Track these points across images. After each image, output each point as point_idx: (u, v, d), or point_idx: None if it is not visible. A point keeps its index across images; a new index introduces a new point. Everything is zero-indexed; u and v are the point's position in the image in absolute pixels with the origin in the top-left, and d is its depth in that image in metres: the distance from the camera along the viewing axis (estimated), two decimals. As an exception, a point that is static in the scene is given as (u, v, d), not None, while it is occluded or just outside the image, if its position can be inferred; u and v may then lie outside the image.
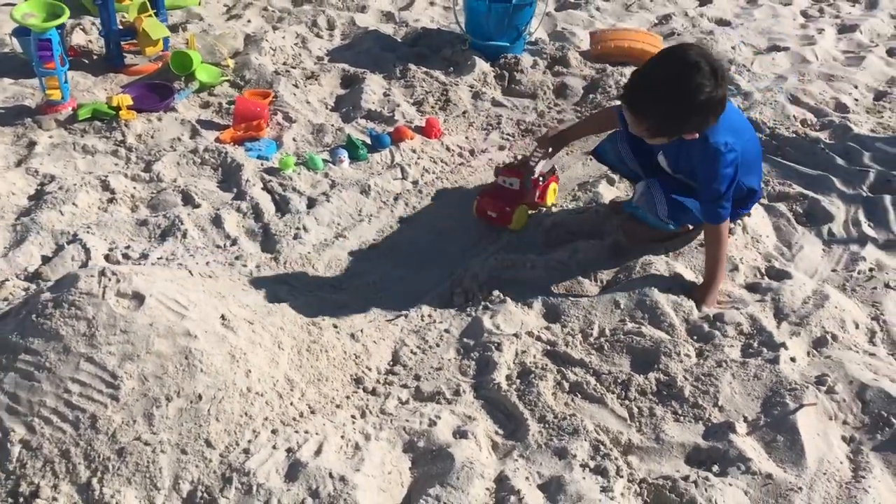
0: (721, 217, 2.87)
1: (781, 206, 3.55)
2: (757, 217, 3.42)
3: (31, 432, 2.18)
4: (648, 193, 3.07)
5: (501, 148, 4.16)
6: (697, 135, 2.76)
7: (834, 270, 3.18)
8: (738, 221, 3.32)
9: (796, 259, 3.20)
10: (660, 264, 3.08)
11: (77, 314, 2.30)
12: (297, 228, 3.34)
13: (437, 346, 2.83)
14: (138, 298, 2.35)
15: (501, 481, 2.26)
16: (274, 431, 2.31)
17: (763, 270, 3.14)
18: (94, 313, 2.30)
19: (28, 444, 2.17)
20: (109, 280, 2.36)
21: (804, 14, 6.34)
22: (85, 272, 2.40)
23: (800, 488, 2.22)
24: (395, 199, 3.65)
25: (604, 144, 3.40)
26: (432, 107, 4.48)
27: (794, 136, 4.20)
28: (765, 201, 3.60)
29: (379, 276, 3.20)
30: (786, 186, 3.69)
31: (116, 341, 2.27)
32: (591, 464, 2.32)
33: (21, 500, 2.12)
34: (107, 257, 3.10)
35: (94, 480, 2.14)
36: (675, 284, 2.99)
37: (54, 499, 2.11)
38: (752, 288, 3.04)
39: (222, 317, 2.46)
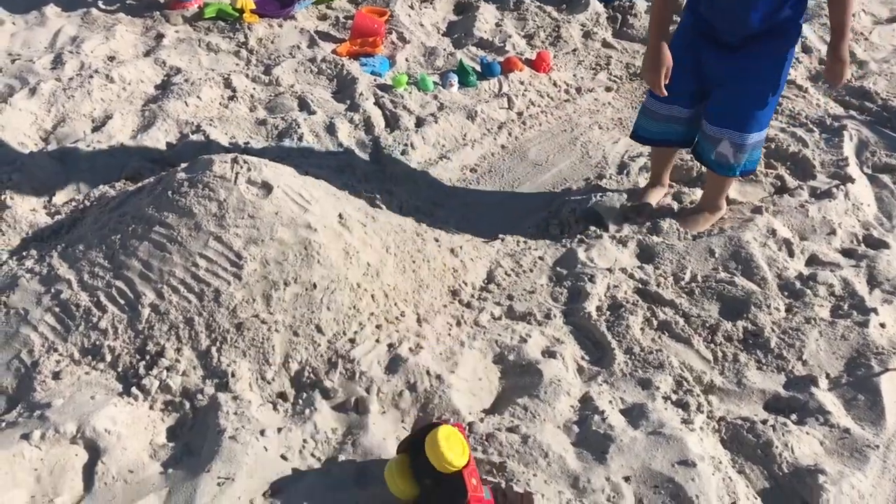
0: None
1: (885, 178, 3.51)
2: (860, 185, 3.40)
3: (160, 298, 2.37)
4: (725, 121, 2.93)
5: (608, 89, 4.18)
6: None
7: (934, 246, 3.17)
8: (841, 187, 3.31)
9: (895, 230, 3.20)
10: (759, 220, 3.11)
11: (210, 195, 2.47)
12: (405, 145, 3.45)
13: (531, 271, 2.93)
14: (266, 188, 2.51)
15: (586, 401, 2.37)
16: (378, 326, 2.46)
17: (860, 238, 3.14)
18: (226, 196, 2.46)
19: (157, 308, 2.36)
20: (241, 167, 2.51)
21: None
22: (219, 157, 2.56)
23: (876, 446, 2.28)
24: (500, 127, 3.73)
25: (640, 121, 3.15)
26: (542, 41, 4.51)
27: (908, 109, 4.11)
28: (868, 171, 3.57)
29: (478, 199, 3.30)
30: (892, 158, 3.65)
31: (244, 225, 2.44)
32: (674, 397, 2.41)
33: (147, 357, 2.32)
34: (227, 151, 3.27)
35: (213, 349, 2.33)
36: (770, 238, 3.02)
37: (177, 360, 2.31)
38: (847, 253, 3.06)
39: (339, 215, 2.60)
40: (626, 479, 2.14)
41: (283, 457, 2.12)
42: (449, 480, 1.92)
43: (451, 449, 1.91)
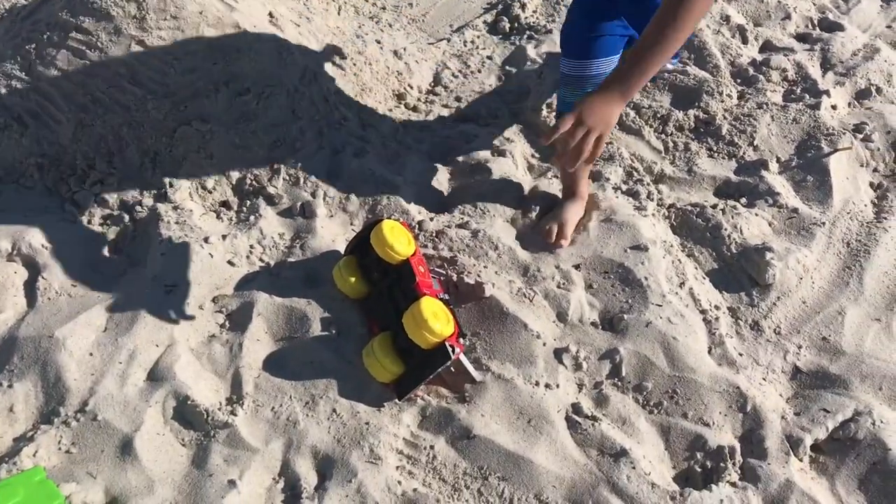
0: None
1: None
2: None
3: (84, 111, 2.24)
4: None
5: None
6: None
7: (889, 27, 3.09)
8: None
9: (851, 13, 3.10)
10: (713, 7, 2.99)
11: (126, -5, 2.29)
12: (340, -56, 3.21)
13: (479, 71, 2.82)
14: (187, -16, 2.32)
15: (535, 196, 2.34)
16: (320, 132, 2.36)
17: (815, 21, 3.05)
18: (144, -5, 2.28)
19: (82, 121, 2.23)
20: (158, -37, 2.31)
21: None
22: (132, -47, 2.35)
23: (822, 223, 2.30)
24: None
25: (563, 94, 2.21)
26: None
27: None
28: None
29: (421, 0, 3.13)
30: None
31: (167, 27, 2.27)
32: (624, 187, 2.39)
33: (79, 172, 2.21)
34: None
35: (147, 160, 2.23)
36: (724, 26, 2.92)
37: (110, 173, 2.21)
38: (801, 38, 2.97)
39: (270, 14, 2.44)
40: (577, 266, 2.14)
41: (230, 262, 2.08)
42: (396, 269, 1.91)
43: (396, 239, 1.89)
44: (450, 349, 1.78)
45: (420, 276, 1.88)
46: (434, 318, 1.77)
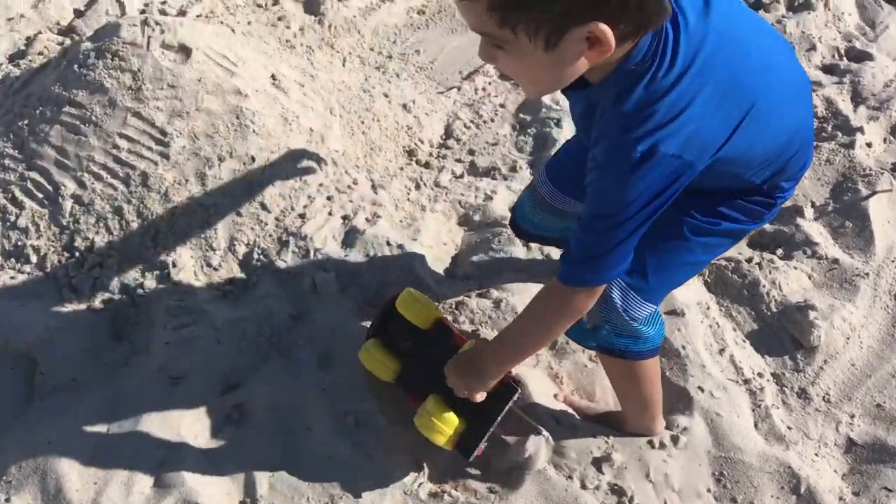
0: (582, 278, 1.37)
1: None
2: (840, -8, 3.13)
3: (82, 187, 2.13)
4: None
5: None
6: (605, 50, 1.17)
7: (921, 54, 2.96)
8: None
9: (880, 39, 2.95)
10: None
11: (121, 66, 2.17)
12: (342, -11, 3.10)
13: (492, 120, 2.70)
14: (185, 51, 2.21)
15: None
16: (329, 198, 2.24)
17: (842, 51, 2.91)
18: (140, 65, 2.16)
19: (80, 199, 2.12)
20: (153, 30, 2.20)
21: None
22: (127, 20, 2.24)
23: (866, 274, 2.16)
24: (446, -39, 3.36)
25: (522, 205, 1.98)
26: None
27: None
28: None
29: (429, 45, 3.00)
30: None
31: (164, 96, 2.16)
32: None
33: (77, 254, 2.10)
34: (142, 13, 2.91)
35: (148, 238, 2.11)
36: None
37: (109, 255, 2.09)
38: (829, 70, 2.83)
39: (272, 77, 2.32)
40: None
41: (238, 347, 1.96)
42: (429, 332, 1.76)
43: (424, 302, 1.77)
44: (514, 384, 1.63)
45: (456, 331, 1.76)
46: None
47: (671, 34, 1.23)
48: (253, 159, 2.18)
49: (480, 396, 1.58)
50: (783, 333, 2.08)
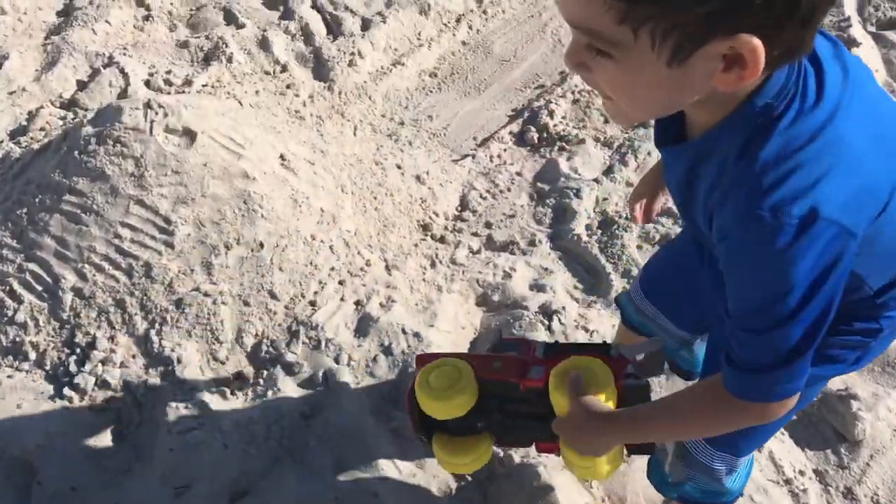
0: (772, 392, 1.06)
1: (892, 35, 3.14)
2: (866, 49, 3.03)
3: (83, 280, 2.03)
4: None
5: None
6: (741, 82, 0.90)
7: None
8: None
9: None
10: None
11: (123, 152, 2.08)
12: (352, 54, 3.02)
13: (509, 190, 2.60)
14: (189, 135, 2.12)
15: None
16: (341, 282, 2.14)
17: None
18: (142, 151, 2.08)
19: (80, 291, 2.03)
20: (156, 114, 2.12)
21: None
22: (129, 104, 2.16)
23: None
24: (458, 20, 3.28)
25: (625, 295, 1.70)
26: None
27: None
28: (873, 29, 3.19)
29: (441, 110, 2.92)
30: (901, 11, 3.26)
31: (168, 183, 2.07)
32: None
33: (78, 350, 2.00)
34: (147, 83, 2.84)
35: (153, 332, 2.01)
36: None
37: (112, 350, 1.99)
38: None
39: (281, 157, 2.23)
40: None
41: (247, 451, 1.85)
42: (483, 396, 1.48)
43: (441, 395, 1.46)
44: (631, 369, 1.39)
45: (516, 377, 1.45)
46: (593, 378, 1.33)
47: (811, 69, 0.95)
48: (261, 245, 2.08)
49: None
50: (825, 425, 1.95)
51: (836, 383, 1.99)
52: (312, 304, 2.09)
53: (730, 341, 1.04)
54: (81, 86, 2.83)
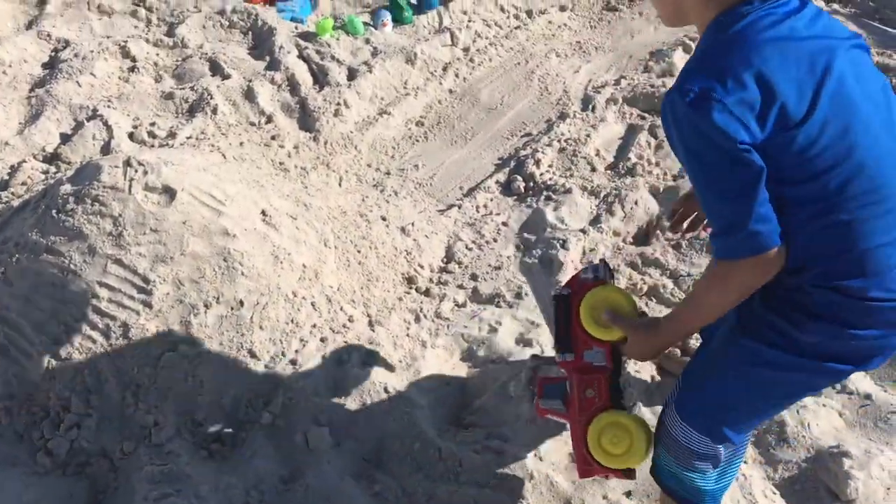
0: (731, 247, 1.28)
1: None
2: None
3: (57, 343, 1.99)
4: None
5: (563, 8, 3.72)
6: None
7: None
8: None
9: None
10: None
11: (101, 211, 2.06)
12: (338, 104, 3.02)
13: (495, 241, 2.58)
14: (169, 193, 2.10)
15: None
16: (323, 340, 2.11)
17: None
18: (121, 210, 2.05)
19: (56, 354, 1.98)
20: (136, 171, 2.10)
21: None
22: (108, 161, 2.14)
23: (904, 414, 2.00)
24: (444, 68, 3.30)
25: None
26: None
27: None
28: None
29: (428, 159, 2.91)
30: (885, 56, 3.27)
31: (147, 241, 2.04)
32: (670, 380, 2.11)
33: (52, 414, 1.96)
34: (131, 136, 2.83)
35: (129, 395, 1.97)
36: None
37: (87, 414, 1.95)
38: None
39: (263, 212, 2.20)
40: (628, 494, 1.85)
41: (225, 519, 1.80)
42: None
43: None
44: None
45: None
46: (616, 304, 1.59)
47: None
48: (241, 303, 2.05)
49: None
50: (817, 482, 1.91)
51: (828, 439, 1.96)
52: (293, 362, 2.05)
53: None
54: (65, 139, 2.82)
